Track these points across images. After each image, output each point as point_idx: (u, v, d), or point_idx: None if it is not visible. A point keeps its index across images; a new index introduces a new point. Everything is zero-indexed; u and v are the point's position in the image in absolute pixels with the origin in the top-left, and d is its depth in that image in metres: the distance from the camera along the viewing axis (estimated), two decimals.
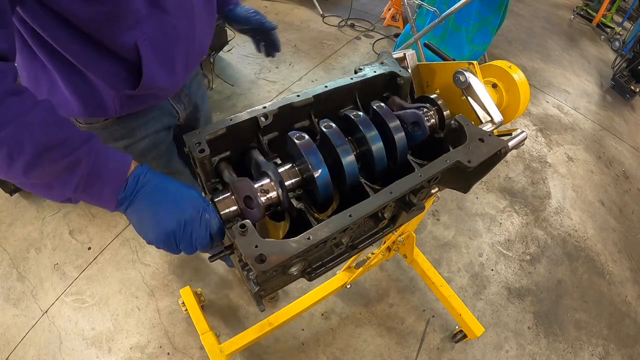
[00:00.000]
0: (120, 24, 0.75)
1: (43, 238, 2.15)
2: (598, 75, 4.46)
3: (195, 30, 0.90)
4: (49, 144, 0.59)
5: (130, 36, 0.77)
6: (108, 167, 0.65)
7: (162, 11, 0.79)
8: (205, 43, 1.01)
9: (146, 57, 0.81)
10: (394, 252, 1.88)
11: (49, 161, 0.60)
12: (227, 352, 1.59)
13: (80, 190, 0.64)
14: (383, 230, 0.87)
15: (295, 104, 0.78)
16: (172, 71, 0.89)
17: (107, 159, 0.65)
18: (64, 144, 0.61)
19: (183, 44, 0.89)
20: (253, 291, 0.73)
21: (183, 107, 1.10)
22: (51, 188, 0.64)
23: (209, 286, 2.05)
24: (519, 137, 0.92)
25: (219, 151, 0.74)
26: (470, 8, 3.18)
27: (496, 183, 2.88)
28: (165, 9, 0.80)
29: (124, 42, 0.77)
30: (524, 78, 1.03)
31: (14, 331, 1.84)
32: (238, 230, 0.60)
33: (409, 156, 0.80)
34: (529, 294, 2.29)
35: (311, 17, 4.31)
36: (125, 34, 0.76)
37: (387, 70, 0.90)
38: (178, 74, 0.92)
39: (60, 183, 0.63)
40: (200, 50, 0.99)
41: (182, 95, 1.08)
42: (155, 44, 0.82)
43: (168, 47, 0.85)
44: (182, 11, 0.84)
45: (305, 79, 3.47)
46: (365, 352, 1.93)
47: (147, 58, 0.81)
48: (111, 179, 0.65)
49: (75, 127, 0.65)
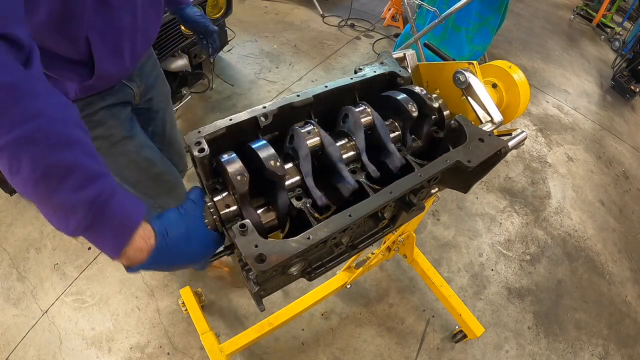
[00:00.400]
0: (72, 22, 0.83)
1: (43, 238, 2.15)
2: (598, 75, 4.46)
3: (138, 23, 1.01)
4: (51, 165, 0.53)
5: (81, 31, 0.86)
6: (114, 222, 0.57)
7: (108, 7, 0.89)
8: (151, 34, 1.14)
9: (97, 49, 0.91)
10: (394, 252, 1.88)
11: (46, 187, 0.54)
12: (227, 352, 1.59)
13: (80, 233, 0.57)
14: (383, 230, 0.87)
15: (295, 104, 0.78)
16: (121, 60, 1.02)
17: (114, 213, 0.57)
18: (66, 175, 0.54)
19: (129, 35, 0.99)
20: (253, 291, 0.73)
21: (136, 85, 1.21)
22: (50, 216, 0.57)
23: (209, 286, 2.05)
24: (519, 137, 0.92)
25: (218, 151, 0.74)
26: (470, 8, 3.18)
27: (496, 183, 2.88)
28: (111, 5, 0.89)
29: (76, 36, 0.86)
30: (524, 78, 1.03)
31: (14, 331, 1.84)
32: (238, 230, 0.60)
33: (409, 156, 0.80)
34: (529, 294, 2.29)
35: (311, 17, 4.31)
36: (77, 29, 0.85)
37: (387, 70, 0.91)
38: (127, 61, 1.04)
39: (56, 218, 0.56)
40: (146, 40, 1.12)
41: (134, 76, 1.20)
42: (104, 37, 0.92)
43: (116, 39, 0.96)
44: (127, 7, 0.95)
45: (305, 79, 3.46)
46: (365, 352, 1.93)
47: (98, 50, 0.92)
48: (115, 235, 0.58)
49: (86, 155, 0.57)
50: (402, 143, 0.86)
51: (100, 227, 0.56)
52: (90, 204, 0.55)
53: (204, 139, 0.68)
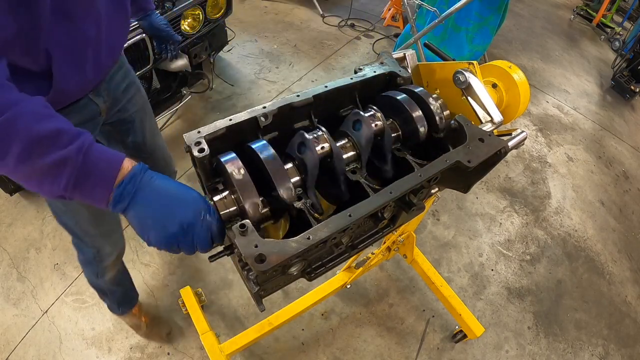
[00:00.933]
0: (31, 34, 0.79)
1: (43, 238, 2.15)
2: (598, 75, 4.45)
3: (102, 35, 0.97)
4: (38, 136, 0.61)
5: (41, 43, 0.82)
6: (98, 166, 0.65)
7: (70, 19, 0.85)
8: (117, 45, 1.10)
9: (57, 63, 0.87)
10: (394, 252, 1.88)
11: (37, 156, 0.61)
12: (227, 352, 1.59)
13: (71, 189, 0.64)
14: (383, 230, 0.87)
15: (295, 104, 0.78)
16: (83, 73, 0.97)
17: (97, 159, 0.65)
18: (54, 138, 0.62)
19: (92, 48, 0.95)
20: (253, 291, 0.73)
21: (102, 99, 1.14)
22: (42, 184, 0.65)
23: (209, 286, 2.05)
24: (519, 137, 0.92)
25: (218, 151, 0.74)
26: (470, 8, 3.18)
27: (496, 183, 2.88)
28: (72, 17, 0.86)
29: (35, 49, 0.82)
30: (524, 78, 1.03)
31: (14, 331, 1.84)
32: (238, 230, 0.60)
33: (409, 156, 0.80)
34: (529, 294, 2.29)
35: (311, 17, 4.31)
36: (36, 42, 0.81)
37: (387, 70, 0.91)
38: (89, 74, 0.99)
39: (49, 181, 0.64)
40: (112, 52, 1.08)
41: (102, 89, 1.13)
42: (65, 50, 0.88)
43: (78, 52, 0.92)
44: (90, 18, 0.91)
45: (305, 79, 3.46)
46: (365, 352, 1.93)
47: (58, 63, 0.87)
48: (101, 179, 0.65)
49: (67, 122, 0.66)
50: (402, 143, 0.86)
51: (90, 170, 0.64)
52: (77, 153, 0.63)
53: (204, 139, 0.68)
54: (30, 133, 0.61)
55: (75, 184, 0.64)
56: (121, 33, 1.11)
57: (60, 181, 0.63)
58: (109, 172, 0.65)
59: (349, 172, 0.77)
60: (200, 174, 0.73)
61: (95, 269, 1.51)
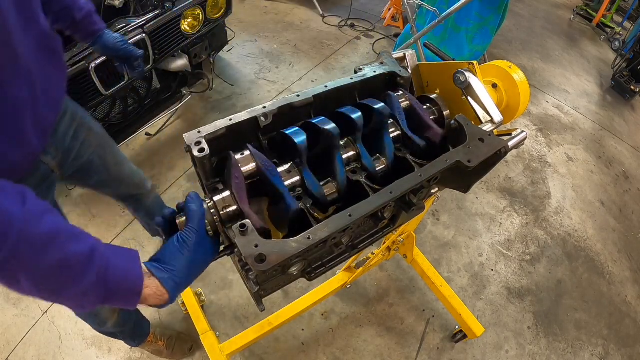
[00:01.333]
0: None
1: None
2: (598, 75, 4.45)
3: (37, 92, 0.86)
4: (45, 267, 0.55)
5: None
6: (121, 289, 0.61)
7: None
8: (57, 96, 0.98)
9: None
10: (394, 252, 1.88)
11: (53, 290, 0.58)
12: (227, 352, 1.59)
13: (100, 306, 0.62)
14: (383, 230, 0.87)
15: (295, 104, 0.78)
16: (21, 143, 0.84)
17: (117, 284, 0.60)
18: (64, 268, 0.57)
19: (29, 110, 0.83)
20: (253, 291, 0.73)
21: (51, 157, 1.03)
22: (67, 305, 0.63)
23: (209, 286, 2.05)
24: (519, 137, 0.92)
25: (218, 151, 0.74)
26: (470, 8, 3.18)
27: (496, 183, 2.88)
28: (2, 83, 0.75)
29: None
30: (524, 78, 1.03)
31: (14, 331, 1.84)
32: (238, 230, 0.60)
33: (409, 156, 0.80)
34: (529, 294, 2.29)
35: (311, 17, 4.31)
36: None
37: (387, 70, 0.91)
38: (32, 140, 0.87)
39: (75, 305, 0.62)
40: (52, 106, 0.96)
41: (48, 147, 1.01)
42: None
43: (12, 121, 0.81)
44: (20, 80, 0.80)
45: (305, 79, 3.46)
46: (365, 352, 1.93)
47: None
48: (127, 299, 0.62)
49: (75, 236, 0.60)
50: (402, 143, 0.86)
51: (113, 297, 0.61)
52: (95, 286, 0.58)
53: (204, 138, 0.68)
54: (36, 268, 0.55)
55: (103, 303, 0.62)
56: (59, 82, 0.99)
57: (86, 305, 0.61)
58: (133, 290, 0.62)
59: (349, 172, 0.77)
60: (200, 174, 0.73)
61: (95, 319, 1.47)
